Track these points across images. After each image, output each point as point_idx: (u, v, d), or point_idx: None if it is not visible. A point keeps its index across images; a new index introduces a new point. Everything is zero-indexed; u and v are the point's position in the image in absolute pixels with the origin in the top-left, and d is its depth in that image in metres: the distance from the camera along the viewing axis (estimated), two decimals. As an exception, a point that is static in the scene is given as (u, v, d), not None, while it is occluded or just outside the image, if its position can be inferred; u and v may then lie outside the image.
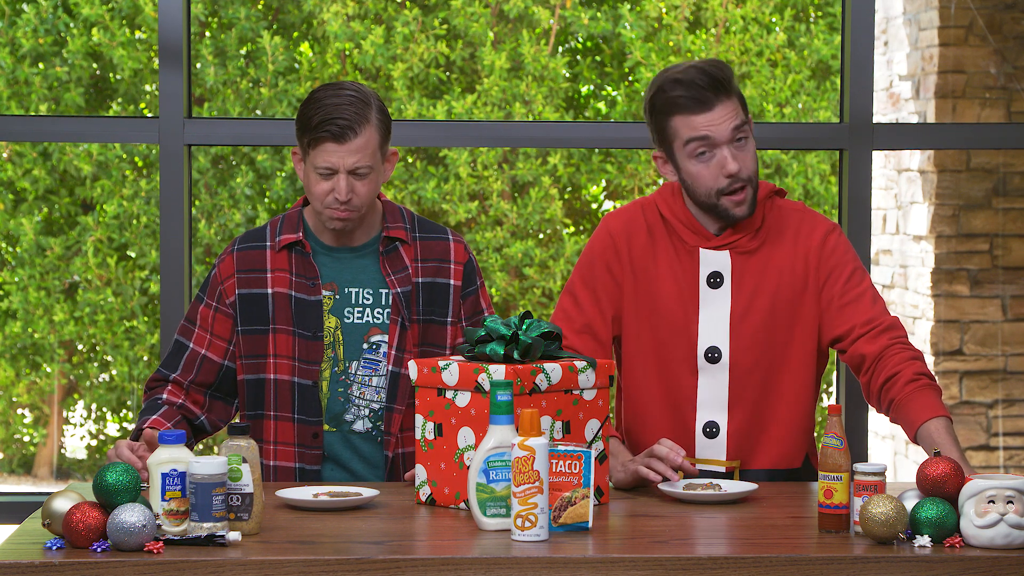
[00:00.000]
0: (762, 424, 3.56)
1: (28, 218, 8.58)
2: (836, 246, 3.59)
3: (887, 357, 3.48)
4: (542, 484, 2.92)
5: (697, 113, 3.49)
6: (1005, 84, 6.91)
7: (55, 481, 9.13)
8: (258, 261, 3.68)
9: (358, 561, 2.81)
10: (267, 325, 3.65)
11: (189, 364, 3.68)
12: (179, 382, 3.68)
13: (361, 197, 3.60)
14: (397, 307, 3.65)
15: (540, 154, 8.63)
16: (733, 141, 3.50)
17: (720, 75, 3.50)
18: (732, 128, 3.49)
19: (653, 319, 3.58)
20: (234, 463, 2.96)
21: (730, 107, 3.50)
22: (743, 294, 3.56)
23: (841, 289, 3.56)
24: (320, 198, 3.60)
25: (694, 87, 3.48)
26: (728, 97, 3.50)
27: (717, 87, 3.49)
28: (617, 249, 3.61)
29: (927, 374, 3.44)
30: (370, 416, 3.65)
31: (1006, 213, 6.98)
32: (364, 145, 3.57)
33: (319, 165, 3.58)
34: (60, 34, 8.60)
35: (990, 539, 2.88)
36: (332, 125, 3.54)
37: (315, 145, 3.57)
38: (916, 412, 3.37)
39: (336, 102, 3.57)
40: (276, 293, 3.65)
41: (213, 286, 3.70)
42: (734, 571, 2.83)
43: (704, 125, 3.49)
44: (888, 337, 3.50)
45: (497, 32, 8.68)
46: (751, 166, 3.53)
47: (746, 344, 3.54)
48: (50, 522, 2.90)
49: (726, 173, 3.50)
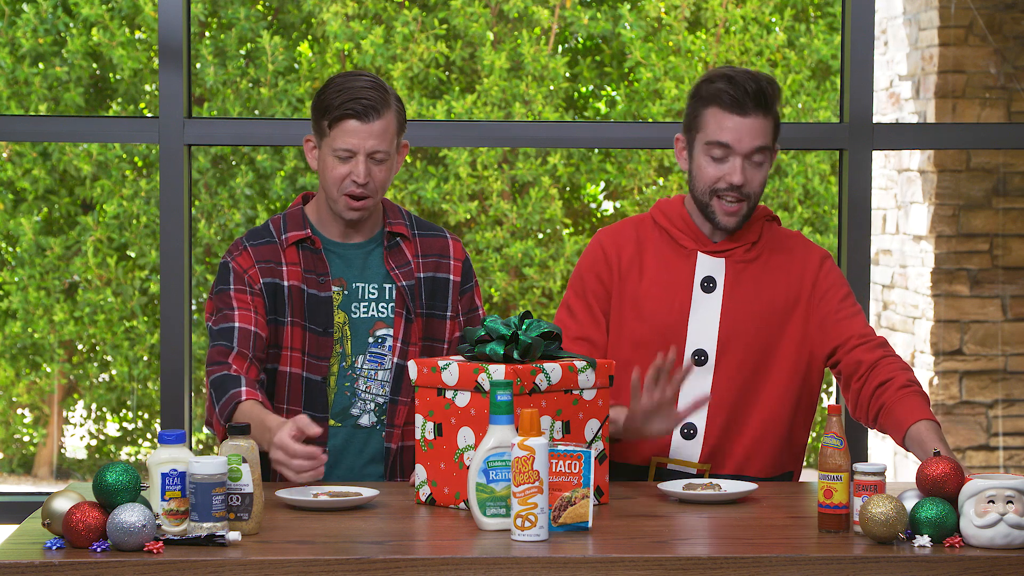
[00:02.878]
0: (737, 428, 3.59)
1: (28, 218, 8.58)
2: (831, 271, 3.67)
3: (881, 366, 3.53)
4: (542, 484, 2.92)
5: (731, 113, 3.54)
6: (1005, 84, 6.90)
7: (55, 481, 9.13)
8: (273, 254, 3.66)
9: (358, 561, 2.81)
10: (285, 317, 3.64)
11: (243, 339, 3.55)
12: (243, 354, 3.54)
13: (377, 183, 3.60)
14: (402, 300, 3.67)
15: (540, 154, 8.63)
16: (750, 157, 3.56)
17: (768, 91, 3.56)
18: (754, 147, 3.55)
19: (637, 321, 3.61)
20: (234, 463, 2.96)
21: (761, 125, 3.56)
22: (735, 300, 3.61)
23: (837, 306, 3.63)
24: (336, 183, 3.60)
25: (739, 89, 3.54)
26: (765, 115, 3.57)
27: (759, 99, 3.55)
28: (607, 259, 3.67)
29: (917, 383, 3.51)
30: (375, 410, 3.66)
31: (1006, 213, 6.98)
32: (384, 129, 3.58)
33: (339, 147, 3.57)
34: (60, 34, 8.59)
35: (990, 539, 2.88)
36: (356, 103, 3.56)
37: (336, 124, 3.57)
38: (905, 414, 3.41)
39: (358, 85, 3.59)
40: (291, 286, 3.65)
41: (238, 274, 3.62)
42: (734, 571, 2.83)
43: (731, 129, 3.54)
44: (882, 351, 3.57)
45: (497, 32, 8.68)
46: (757, 187, 3.59)
47: (732, 349, 3.58)
48: (50, 522, 2.90)
49: (729, 181, 3.55)
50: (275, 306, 3.63)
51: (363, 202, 3.61)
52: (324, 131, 3.60)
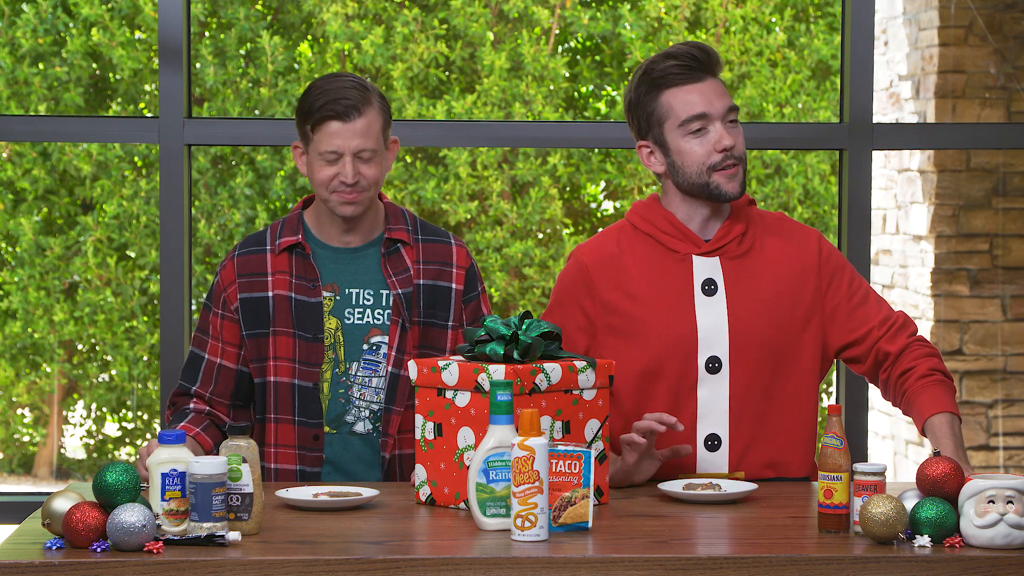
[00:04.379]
0: (764, 434, 3.51)
1: (28, 218, 8.58)
2: (831, 252, 3.58)
3: (906, 353, 3.51)
4: (542, 484, 2.92)
5: (691, 83, 3.48)
6: (1005, 84, 6.90)
7: (55, 481, 9.13)
8: (258, 265, 3.67)
9: (358, 561, 2.81)
10: (268, 328, 3.65)
11: (207, 375, 3.68)
12: (201, 395, 3.69)
13: (368, 179, 3.59)
14: (398, 308, 3.65)
15: (540, 154, 8.63)
16: (726, 120, 3.49)
17: (711, 52, 3.51)
18: (726, 107, 3.49)
19: (644, 340, 3.50)
20: (234, 463, 2.96)
21: (720, 85, 3.51)
22: (739, 300, 3.51)
23: (847, 293, 3.55)
24: (325, 184, 3.59)
25: (687, 58, 3.48)
26: (717, 76, 3.52)
27: (709, 62, 3.50)
28: (587, 283, 3.55)
29: (942, 371, 3.48)
30: (370, 417, 3.65)
31: (1006, 213, 6.98)
32: (367, 127, 3.57)
33: (323, 150, 3.56)
34: (60, 34, 8.59)
35: (990, 539, 2.88)
36: (336, 104, 3.55)
37: (319, 127, 3.56)
38: (924, 406, 3.41)
39: (337, 86, 3.59)
40: (276, 296, 3.65)
41: (217, 294, 3.69)
42: (734, 571, 2.83)
43: (699, 99, 3.47)
44: (906, 335, 3.54)
45: (497, 32, 8.68)
46: (743, 147, 3.51)
47: (746, 351, 3.49)
48: (50, 522, 2.90)
49: (720, 147, 3.47)
50: (255, 320, 3.66)
51: (356, 195, 3.60)
52: (308, 136, 3.59)
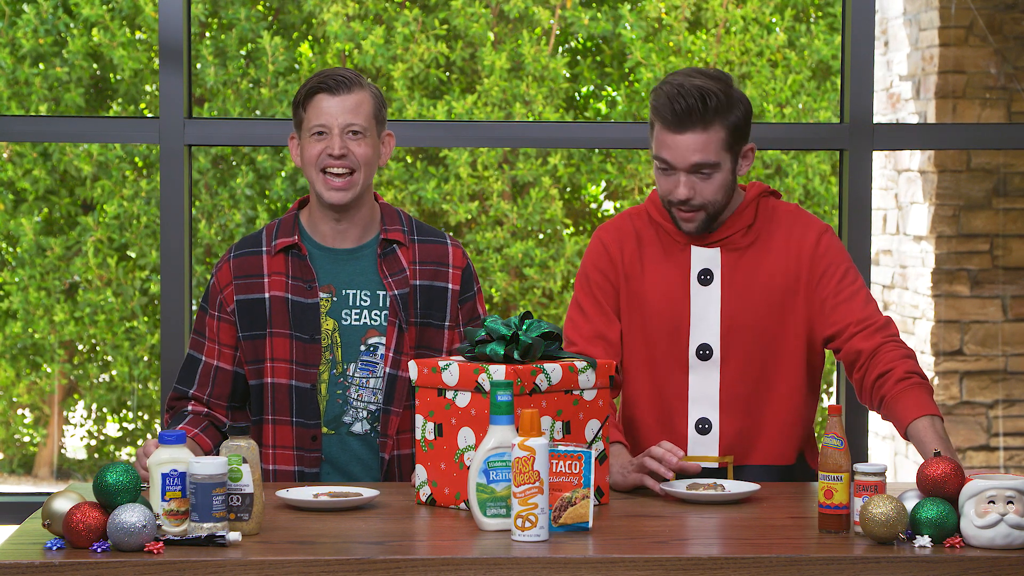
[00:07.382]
0: (755, 421, 3.58)
1: (28, 218, 8.58)
2: (829, 247, 3.60)
3: (880, 354, 3.49)
4: (542, 484, 2.92)
5: (671, 131, 3.48)
6: (1005, 84, 6.90)
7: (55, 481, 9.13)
8: (254, 266, 3.67)
9: (358, 561, 2.81)
10: (265, 329, 3.64)
11: (204, 377, 3.68)
12: (198, 397, 3.69)
13: (357, 158, 3.60)
14: (395, 309, 3.65)
15: (540, 154, 8.63)
16: (694, 172, 3.50)
17: (704, 105, 3.44)
18: (691, 163, 3.48)
19: (643, 319, 3.60)
20: (234, 463, 2.96)
21: (701, 140, 3.47)
22: (733, 291, 3.57)
23: (835, 288, 3.57)
24: (313, 161, 3.61)
25: (677, 104, 3.45)
26: (704, 129, 3.46)
27: (693, 116, 3.44)
28: (610, 256, 3.64)
29: (919, 372, 3.46)
30: (368, 418, 3.65)
31: (1006, 213, 6.98)
32: (358, 104, 3.60)
33: (312, 124, 3.60)
34: (60, 34, 8.59)
35: (990, 539, 2.88)
36: (328, 80, 3.61)
37: (309, 102, 3.61)
38: (906, 410, 3.39)
39: (331, 71, 3.64)
40: (273, 297, 3.65)
41: (213, 295, 3.69)
42: (734, 571, 2.83)
43: (669, 147, 3.49)
44: (882, 335, 3.52)
45: (497, 32, 8.68)
46: (710, 195, 3.51)
47: (737, 341, 3.56)
48: (50, 522, 2.90)
49: (673, 198, 3.52)
50: (252, 322, 3.66)
51: (344, 180, 3.60)
52: (301, 117, 3.63)
